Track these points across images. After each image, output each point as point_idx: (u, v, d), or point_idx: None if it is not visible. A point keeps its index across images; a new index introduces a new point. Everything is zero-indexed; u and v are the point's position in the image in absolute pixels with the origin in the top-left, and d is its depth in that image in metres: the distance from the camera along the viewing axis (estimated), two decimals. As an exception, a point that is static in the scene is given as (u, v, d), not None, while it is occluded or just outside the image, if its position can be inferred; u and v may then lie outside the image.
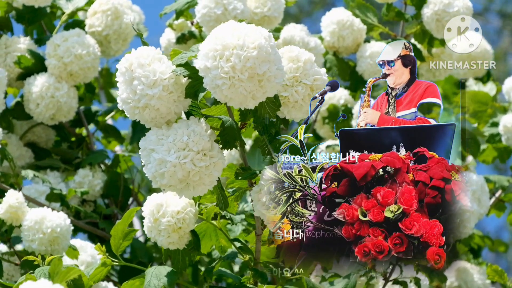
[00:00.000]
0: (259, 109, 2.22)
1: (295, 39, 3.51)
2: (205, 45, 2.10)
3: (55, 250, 2.84)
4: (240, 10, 3.31)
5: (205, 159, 2.18)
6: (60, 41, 3.35)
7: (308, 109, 2.25)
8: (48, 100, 3.34)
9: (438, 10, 3.45)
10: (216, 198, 2.35)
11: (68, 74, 3.37)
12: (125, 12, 3.50)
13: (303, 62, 2.24)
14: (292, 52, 2.25)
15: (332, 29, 3.63)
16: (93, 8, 3.50)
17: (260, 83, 2.09)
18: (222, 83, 2.07)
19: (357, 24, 3.64)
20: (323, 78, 2.25)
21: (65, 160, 3.56)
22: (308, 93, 2.24)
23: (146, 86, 2.16)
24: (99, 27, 3.48)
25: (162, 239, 2.50)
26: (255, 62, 2.06)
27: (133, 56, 2.19)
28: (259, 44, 2.07)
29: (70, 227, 2.86)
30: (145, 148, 2.20)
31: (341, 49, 3.66)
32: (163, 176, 2.17)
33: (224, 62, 2.06)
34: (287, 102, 2.24)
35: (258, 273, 2.50)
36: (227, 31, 2.11)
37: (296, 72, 2.23)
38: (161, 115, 2.20)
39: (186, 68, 2.18)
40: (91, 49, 3.35)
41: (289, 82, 2.23)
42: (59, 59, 3.34)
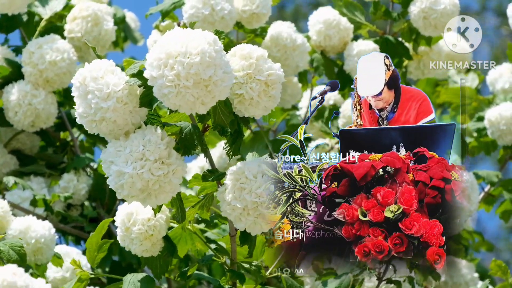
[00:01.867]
0: (212, 113, 2.21)
1: (283, 35, 3.51)
2: (151, 55, 2.10)
3: (39, 259, 2.84)
4: (227, 10, 3.30)
5: (163, 167, 2.17)
6: (34, 48, 3.34)
7: (266, 105, 2.23)
8: (25, 108, 3.34)
9: (425, 8, 3.46)
10: (175, 210, 2.35)
11: (45, 81, 3.35)
12: (105, 19, 3.49)
13: (255, 59, 2.22)
14: (243, 50, 2.23)
15: (319, 28, 3.62)
16: (73, 14, 3.48)
17: (207, 88, 2.08)
18: (168, 92, 2.07)
19: (344, 23, 3.63)
20: (278, 73, 2.23)
21: (50, 165, 3.54)
22: (264, 89, 2.21)
23: (100, 99, 2.15)
24: (79, 32, 3.46)
25: (135, 247, 2.51)
26: (199, 68, 2.05)
27: (86, 70, 2.18)
28: (201, 49, 2.06)
29: (54, 236, 2.86)
30: (105, 161, 2.20)
31: (328, 48, 3.66)
32: (123, 188, 2.17)
33: (168, 71, 2.06)
34: (242, 99, 2.22)
35: (235, 274, 2.49)
36: (171, 39, 2.10)
37: (249, 69, 2.22)
38: (119, 127, 2.19)
39: (138, 78, 2.17)
40: (65, 54, 3.33)
41: (243, 80, 2.21)
42: (34, 66, 3.32)
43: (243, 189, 2.23)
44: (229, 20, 3.33)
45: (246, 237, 2.40)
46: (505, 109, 3.55)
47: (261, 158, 2.32)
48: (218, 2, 3.30)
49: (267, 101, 2.23)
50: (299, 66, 3.53)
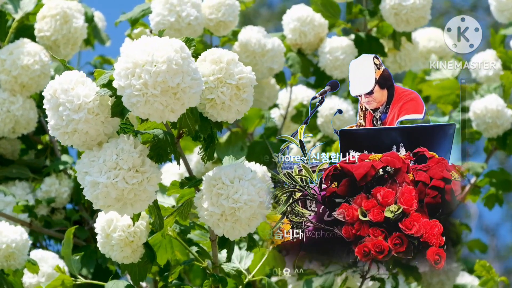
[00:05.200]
0: (178, 120, 2.19)
1: (251, 41, 3.48)
2: (118, 64, 2.08)
3: (12, 265, 2.80)
4: (193, 16, 3.26)
5: (137, 176, 2.15)
6: (5, 55, 3.27)
7: (238, 109, 2.22)
8: (4, 115, 3.28)
9: (394, 4, 3.47)
10: (154, 218, 2.34)
11: (21, 86, 3.29)
12: (75, 16, 3.42)
13: (225, 63, 2.21)
14: (214, 54, 2.22)
15: (293, 26, 3.61)
16: (42, 13, 3.41)
17: (176, 95, 2.06)
18: (136, 101, 2.05)
19: (318, 19, 3.63)
20: (249, 76, 2.22)
21: (34, 170, 3.48)
22: (235, 92, 2.20)
23: (71, 111, 2.13)
24: (48, 31, 3.39)
25: (115, 254, 2.49)
26: (166, 76, 2.03)
27: (57, 82, 2.16)
28: (167, 57, 2.04)
29: (27, 241, 2.81)
30: (80, 172, 2.18)
31: (304, 45, 3.65)
32: (98, 198, 2.15)
33: (135, 80, 2.04)
34: (214, 104, 2.20)
35: (217, 278, 2.48)
36: (137, 48, 2.08)
37: (219, 73, 2.20)
38: (91, 138, 2.17)
39: (109, 88, 2.15)
40: (37, 57, 3.27)
41: (214, 84, 2.20)
42: (7, 73, 3.26)
43: (220, 195, 2.21)
44: (197, 26, 3.28)
45: (225, 241, 2.38)
46: (490, 101, 3.57)
47: (237, 162, 2.30)
48: (184, 8, 3.25)
49: (239, 104, 2.21)
50: (274, 68, 3.51)
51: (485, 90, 3.66)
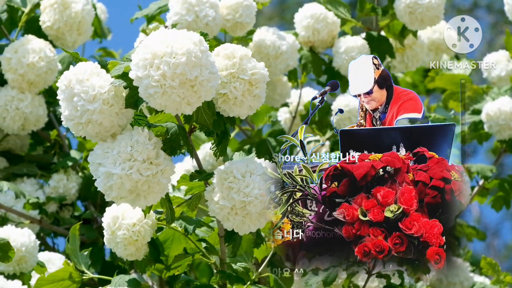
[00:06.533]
0: (195, 113, 2.20)
1: (266, 42, 3.48)
2: (136, 55, 2.09)
3: (24, 268, 2.82)
4: (211, 17, 3.27)
5: (152, 168, 2.17)
6: (11, 53, 3.28)
7: (250, 105, 2.23)
8: (13, 113, 3.30)
9: (410, 3, 3.47)
10: (165, 211, 2.35)
11: (28, 84, 3.31)
12: (73, 1, 3.42)
13: (238, 58, 2.21)
14: (227, 50, 2.23)
15: (307, 23, 3.61)
16: (43, 4, 3.41)
17: (193, 88, 2.07)
18: (154, 92, 2.06)
19: (331, 17, 3.63)
20: (262, 72, 2.22)
21: (42, 166, 3.50)
22: (248, 88, 2.21)
23: (86, 102, 2.14)
24: (49, 21, 3.40)
25: (120, 251, 2.51)
26: (185, 68, 2.05)
27: (71, 72, 2.17)
28: (187, 49, 2.05)
29: (35, 243, 2.84)
30: (93, 163, 2.19)
31: (316, 43, 3.65)
32: (112, 189, 2.16)
33: (154, 71, 2.05)
34: (227, 99, 2.21)
35: (225, 275, 2.49)
36: (156, 39, 2.09)
37: (232, 68, 2.21)
38: (105, 129, 2.18)
39: (123, 79, 2.17)
40: (42, 53, 3.27)
41: (226, 79, 2.21)
42: (14, 72, 3.28)
43: (231, 188, 2.23)
44: (214, 27, 3.29)
45: (231, 236, 2.39)
46: (504, 103, 3.54)
47: (248, 157, 2.31)
48: (202, 8, 3.26)
49: (251, 100, 2.23)
50: (289, 65, 3.52)
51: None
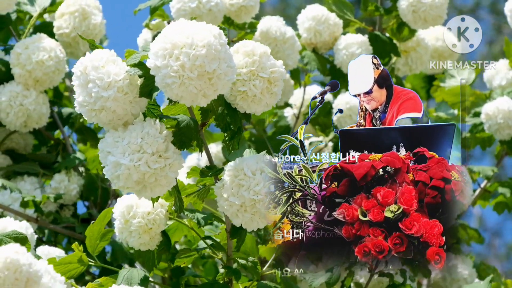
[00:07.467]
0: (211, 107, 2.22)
1: (272, 29, 3.49)
2: (155, 44, 2.09)
3: None
4: (214, 2, 3.28)
5: (160, 161, 2.17)
6: (21, 49, 3.30)
7: (267, 102, 2.24)
8: (17, 109, 3.31)
9: (413, 2, 3.47)
10: (174, 200, 2.35)
11: (34, 81, 3.32)
12: (93, 13, 3.45)
13: (258, 56, 2.23)
14: (247, 47, 2.24)
15: (308, 25, 3.62)
16: (61, 10, 3.45)
17: (210, 81, 2.08)
18: (172, 82, 2.06)
19: (333, 18, 3.63)
20: (280, 70, 2.24)
21: (44, 165, 3.51)
22: (266, 86, 2.23)
23: (101, 89, 2.15)
24: (67, 28, 3.42)
25: (133, 240, 2.51)
26: (204, 60, 2.05)
27: (87, 59, 2.18)
28: (208, 42, 2.06)
29: (33, 236, 2.82)
30: (102, 150, 2.20)
31: (319, 44, 3.65)
32: (119, 179, 2.17)
33: (173, 61, 2.06)
34: (245, 96, 2.23)
35: (231, 271, 2.49)
36: (176, 30, 2.09)
37: (252, 66, 2.22)
38: (118, 117, 2.19)
39: (139, 68, 2.17)
40: (52, 53, 3.29)
41: (246, 77, 2.22)
42: (22, 67, 3.29)
43: (241, 186, 2.23)
44: (217, 13, 3.30)
45: (237, 231, 2.40)
46: (502, 103, 3.54)
47: (259, 155, 2.32)
48: (205, -6, 3.28)
49: (269, 98, 2.25)
50: (289, 64, 3.52)
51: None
